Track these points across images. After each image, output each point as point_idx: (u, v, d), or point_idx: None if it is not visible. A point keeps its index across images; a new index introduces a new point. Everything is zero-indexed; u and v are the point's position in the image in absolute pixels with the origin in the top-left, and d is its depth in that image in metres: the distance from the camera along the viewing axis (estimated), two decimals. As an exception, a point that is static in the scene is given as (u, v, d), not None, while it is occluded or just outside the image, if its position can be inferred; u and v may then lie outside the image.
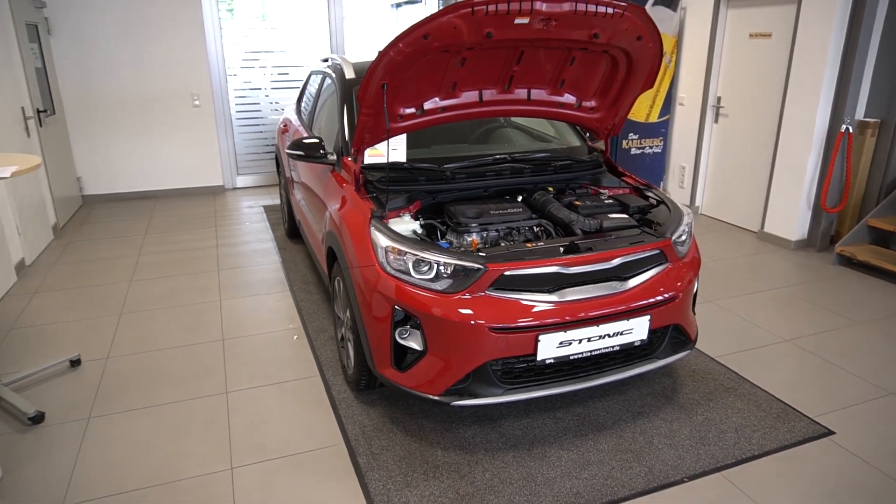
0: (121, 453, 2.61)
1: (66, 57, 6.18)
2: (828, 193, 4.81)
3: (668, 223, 2.82)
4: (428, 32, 2.46)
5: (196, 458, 2.58)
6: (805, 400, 2.96)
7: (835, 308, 3.98)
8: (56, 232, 5.51)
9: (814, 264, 4.76)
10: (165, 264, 4.79)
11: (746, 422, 2.78)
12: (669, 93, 6.09)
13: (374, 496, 2.33)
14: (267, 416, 2.87)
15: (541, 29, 2.58)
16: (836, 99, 4.70)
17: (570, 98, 3.21)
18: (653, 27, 2.78)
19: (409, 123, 2.95)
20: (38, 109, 5.34)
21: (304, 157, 3.30)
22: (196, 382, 3.14)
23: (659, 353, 2.74)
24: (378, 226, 2.61)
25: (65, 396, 3.02)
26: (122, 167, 6.68)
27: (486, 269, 2.38)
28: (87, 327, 3.75)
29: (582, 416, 2.82)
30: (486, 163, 3.17)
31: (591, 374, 2.60)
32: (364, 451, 2.59)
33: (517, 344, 2.40)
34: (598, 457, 2.55)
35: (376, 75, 2.57)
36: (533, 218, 2.89)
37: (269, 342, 3.56)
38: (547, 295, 2.43)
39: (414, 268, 2.45)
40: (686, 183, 6.16)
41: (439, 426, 2.75)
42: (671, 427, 2.74)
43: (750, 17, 5.31)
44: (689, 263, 2.79)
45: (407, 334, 2.49)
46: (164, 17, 6.39)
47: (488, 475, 2.45)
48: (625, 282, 2.57)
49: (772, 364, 3.29)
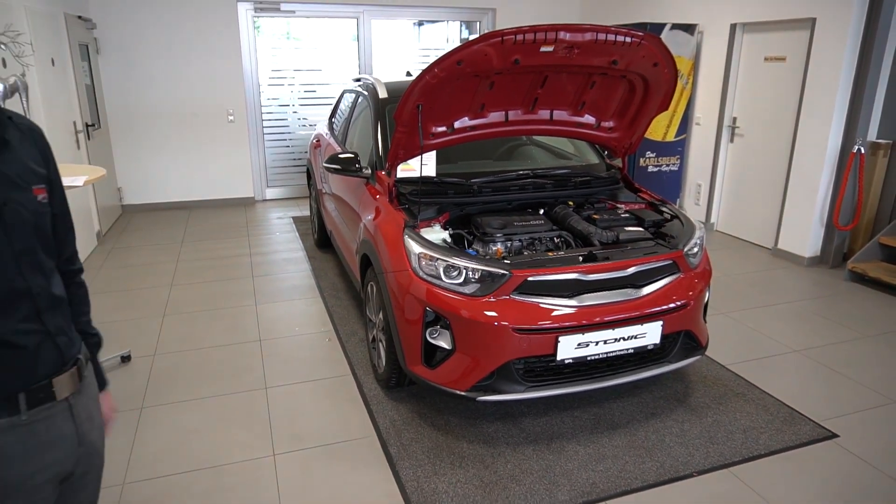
0: (172, 439, 2.84)
1: (112, 74, 6.56)
2: (840, 212, 4.95)
3: (681, 236, 3.01)
4: (462, 59, 2.70)
5: (240, 445, 2.81)
6: (811, 405, 3.11)
7: (844, 322, 4.12)
8: (99, 238, 5.83)
9: (826, 280, 4.90)
10: (202, 270, 5.07)
11: (754, 424, 2.94)
12: (686, 113, 6.28)
13: (405, 482, 2.54)
14: (303, 409, 3.09)
15: (564, 56, 2.81)
16: (849, 121, 4.86)
17: (590, 119, 3.43)
18: (668, 54, 3.00)
19: (440, 141, 3.19)
20: (86, 123, 5.69)
21: (340, 170, 3.56)
22: (237, 378, 3.38)
23: (671, 358, 2.92)
24: (411, 234, 2.84)
25: (119, 389, 3.27)
26: (159, 178, 7.02)
27: (511, 275, 2.59)
28: (135, 327, 4.02)
29: (598, 416, 3.01)
30: (510, 178, 3.40)
31: (607, 374, 2.79)
32: (395, 442, 2.80)
33: (538, 344, 2.61)
34: (612, 452, 2.73)
35: (413, 97, 2.82)
36: (554, 230, 3.10)
37: (303, 344, 3.79)
38: (566, 300, 2.64)
39: (444, 273, 2.67)
40: (702, 200, 6.33)
41: (464, 421, 2.95)
42: (682, 427, 2.91)
43: (765, 42, 5.51)
44: (700, 274, 2.98)
45: (437, 334, 2.71)
46: (202, 37, 6.75)
47: (510, 466, 2.64)
48: (639, 289, 2.76)
49: (780, 372, 3.45)
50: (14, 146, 1.21)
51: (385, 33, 7.61)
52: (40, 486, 1.20)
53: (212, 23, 6.74)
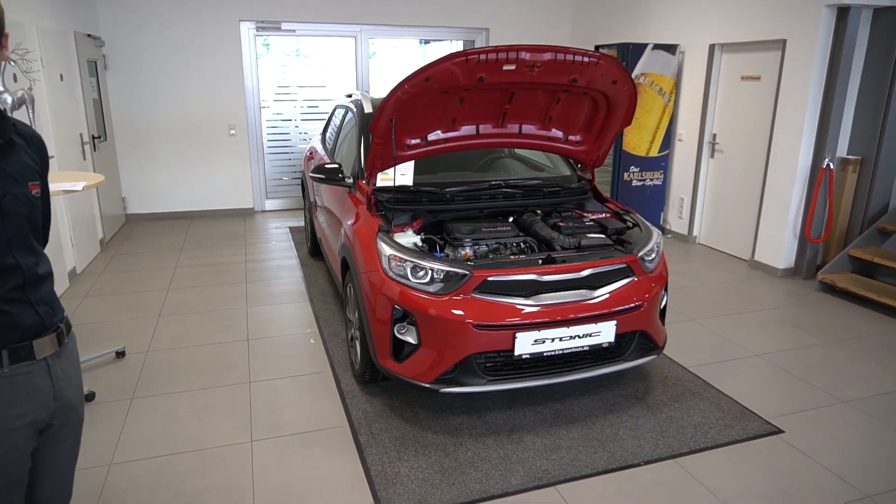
0: (159, 426, 3.05)
1: (119, 89, 6.88)
2: (811, 225, 5.13)
3: (638, 242, 3.21)
4: (430, 76, 2.94)
5: (222, 432, 3.01)
6: (762, 404, 3.28)
7: (809, 329, 4.29)
8: (102, 245, 6.09)
9: (798, 291, 5.06)
10: (199, 276, 5.30)
11: (705, 420, 3.11)
12: (669, 129, 6.51)
13: (370, 466, 2.73)
14: (283, 402, 3.30)
15: (526, 74, 3.05)
16: (818, 137, 5.06)
17: (557, 133, 3.66)
18: (625, 73, 3.22)
19: (415, 152, 3.42)
20: (93, 136, 5.98)
21: (324, 179, 3.79)
22: (224, 373, 3.59)
23: (627, 356, 3.11)
24: (384, 237, 3.06)
25: (112, 381, 3.49)
26: (162, 189, 7.30)
27: (471, 275, 2.80)
28: (131, 326, 4.25)
29: (558, 411, 3.19)
30: (482, 188, 3.62)
31: (564, 370, 2.98)
32: (365, 431, 3.00)
33: (497, 340, 2.80)
34: (567, 443, 2.91)
35: (386, 111, 3.05)
36: (520, 235, 3.31)
37: (289, 343, 4.00)
38: (523, 299, 2.84)
39: (411, 273, 2.88)
40: (685, 214, 6.52)
41: (432, 414, 3.14)
42: (637, 422, 3.09)
43: (741, 61, 5.73)
44: (655, 278, 3.17)
45: (404, 330, 2.91)
46: (207, 55, 7.07)
47: (470, 454, 2.82)
48: (594, 291, 2.96)
49: (739, 374, 3.62)
50: (17, 149, 1.45)
51: (391, 51, 7.94)
52: (18, 430, 1.43)
53: (215, 41, 7.06)
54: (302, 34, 7.51)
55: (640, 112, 6.31)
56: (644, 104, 6.31)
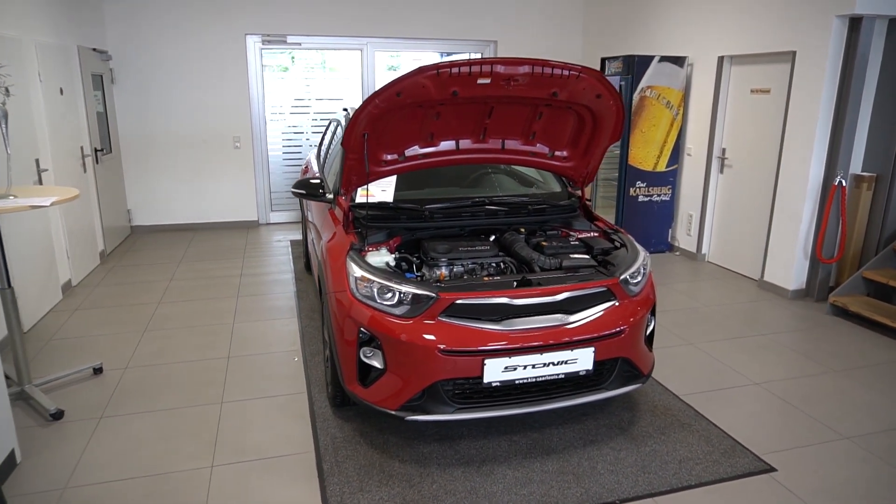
0: (121, 448, 2.98)
1: (126, 103, 6.95)
2: (823, 245, 4.89)
3: (622, 264, 3.05)
4: (400, 90, 2.84)
5: (183, 455, 2.92)
6: (756, 438, 3.07)
7: (815, 356, 4.05)
8: (103, 257, 6.12)
9: (808, 314, 4.81)
10: (192, 289, 5.27)
11: (692, 455, 2.92)
12: (678, 144, 6.31)
13: (329, 498, 2.61)
14: (252, 424, 3.20)
15: (503, 88, 2.93)
16: (830, 153, 4.83)
17: (543, 148, 3.52)
18: (610, 87, 3.08)
19: (392, 168, 3.32)
20: (95, 149, 6.03)
21: (305, 195, 3.71)
22: (197, 392, 3.51)
23: (608, 385, 2.94)
24: (353, 257, 2.95)
25: (84, 398, 3.43)
26: (167, 201, 7.33)
27: (437, 298, 2.68)
28: (115, 341, 4.21)
29: (535, 441, 3.03)
30: (463, 205, 3.49)
31: (539, 399, 2.83)
32: (330, 458, 2.88)
33: (464, 366, 2.67)
34: (541, 477, 2.75)
35: (358, 126, 2.96)
36: (499, 255, 3.18)
37: (270, 361, 3.91)
38: (493, 323, 2.70)
39: (378, 294, 2.77)
40: (693, 231, 6.30)
41: (402, 441, 3.01)
42: (618, 455, 2.91)
43: (751, 74, 5.53)
44: (640, 301, 3.00)
45: (371, 354, 2.80)
46: (213, 68, 7.11)
47: (436, 486, 2.68)
48: (571, 315, 2.81)
49: (734, 405, 3.41)
50: None
51: (414, 63, 7.95)
52: None
53: (221, 55, 7.10)
54: (308, 47, 7.51)
55: (646, 126, 6.14)
56: (651, 117, 6.13)
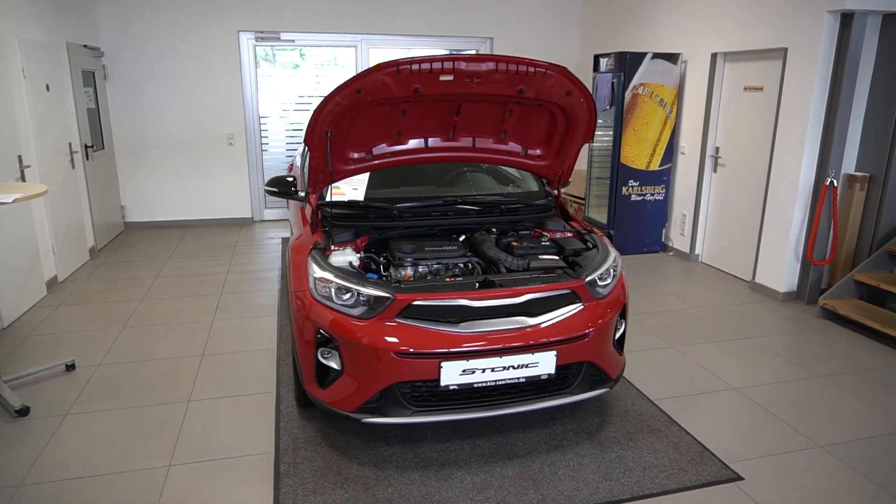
0: (82, 446, 2.96)
1: (119, 99, 6.96)
2: (814, 246, 4.77)
3: (589, 265, 2.98)
4: (361, 88, 2.79)
5: (142, 454, 2.90)
6: (727, 445, 2.99)
7: (800, 361, 3.95)
8: (92, 253, 6.13)
9: (798, 317, 4.70)
10: (176, 286, 5.26)
11: (658, 462, 2.85)
12: (671, 142, 6.20)
13: (282, 500, 2.57)
14: (216, 423, 3.17)
15: (466, 85, 2.87)
16: (822, 152, 4.71)
17: (515, 147, 3.45)
18: (579, 84, 3.01)
19: (359, 166, 3.27)
20: (85, 145, 6.04)
21: (277, 193, 3.67)
22: (165, 391, 3.49)
23: (572, 389, 2.88)
24: (314, 256, 2.91)
25: (52, 395, 3.43)
26: (161, 198, 7.35)
27: (394, 299, 2.63)
28: (92, 337, 4.21)
29: (499, 445, 2.97)
30: (434, 204, 3.44)
31: (500, 403, 2.77)
32: (289, 459, 2.84)
33: (421, 369, 2.62)
34: (499, 482, 2.70)
35: (319, 123, 2.91)
36: (465, 256, 3.12)
37: (243, 360, 3.89)
38: (450, 325, 2.64)
39: (336, 295, 2.72)
40: (686, 231, 6.19)
41: (363, 443, 2.97)
42: (581, 461, 2.85)
43: (744, 71, 5.41)
44: (608, 304, 2.93)
45: (328, 355, 2.76)
46: (206, 65, 7.11)
47: (391, 490, 2.64)
48: (533, 318, 2.74)
49: (709, 410, 3.33)
50: None
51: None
52: None
53: (214, 52, 7.09)
54: (301, 44, 7.49)
55: (639, 124, 6.04)
56: (643, 115, 6.03)
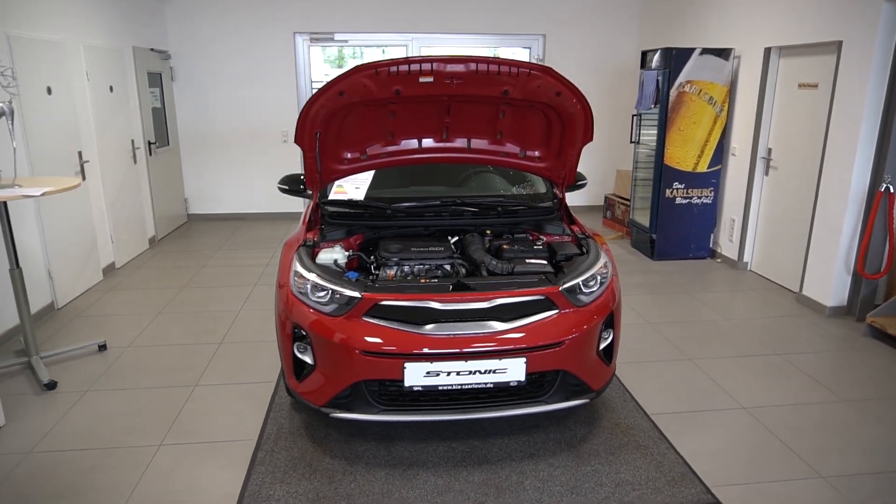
0: (91, 421, 3.22)
1: (185, 99, 7.45)
2: (866, 257, 4.35)
3: (571, 272, 2.88)
4: (342, 90, 2.85)
5: (139, 433, 3.11)
6: (715, 469, 2.81)
7: (829, 382, 3.63)
8: (152, 243, 6.61)
9: (843, 334, 4.32)
10: (217, 276, 5.58)
11: (634, 479, 2.72)
12: (721, 143, 5.84)
13: (249, 486, 2.68)
14: (214, 408, 3.35)
15: (447, 86, 2.85)
16: (878, 155, 4.29)
17: (513, 148, 3.40)
18: (569, 85, 2.92)
19: (354, 166, 3.34)
20: (149, 142, 6.52)
21: (288, 190, 3.81)
22: (177, 374, 3.73)
23: (547, 398, 2.81)
24: (299, 253, 3.00)
25: (81, 372, 3.75)
26: (221, 191, 7.80)
27: (361, 298, 2.67)
28: (130, 321, 4.55)
29: (474, 449, 2.95)
30: (430, 204, 3.44)
31: (469, 407, 2.75)
32: (268, 448, 2.96)
33: (385, 368, 2.64)
34: (462, 486, 2.68)
35: (307, 125, 3.00)
36: (453, 257, 3.11)
37: (256, 349, 4.07)
38: (415, 326, 2.65)
39: (311, 292, 2.80)
40: (735, 237, 5.82)
41: (342, 437, 3.04)
42: (552, 472, 2.77)
43: (799, 67, 5.02)
44: (589, 312, 2.82)
45: (303, 349, 2.84)
46: (263, 66, 7.45)
47: (353, 486, 2.69)
48: (505, 323, 2.70)
49: (708, 429, 3.14)
50: None
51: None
52: None
53: (272, 53, 7.43)
54: (354, 44, 7.69)
55: (685, 123, 5.74)
56: (690, 114, 5.73)
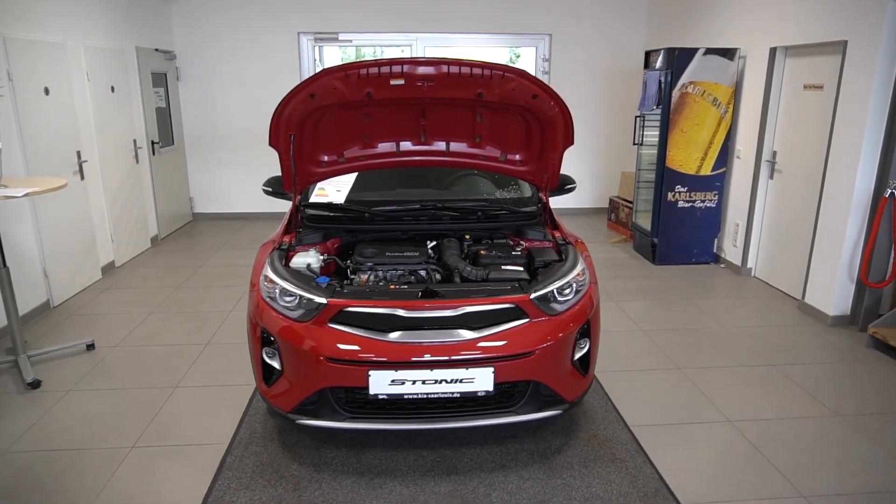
0: (70, 421, 3.24)
1: (190, 99, 7.51)
2: (869, 266, 4.20)
3: (544, 279, 2.81)
4: (313, 92, 2.82)
5: (116, 433, 3.12)
6: (691, 485, 2.72)
7: (824, 395, 3.50)
8: (154, 242, 6.67)
9: (844, 345, 4.17)
10: (213, 276, 5.60)
11: (604, 494, 2.64)
12: (726, 145, 5.70)
13: (213, 491, 2.67)
14: (192, 410, 3.35)
15: (418, 89, 2.80)
16: (883, 159, 4.13)
17: (493, 151, 3.33)
18: (545, 87, 2.86)
19: (332, 169, 3.31)
20: (152, 141, 6.58)
21: (271, 192, 3.80)
22: (160, 375, 3.73)
23: (518, 409, 2.74)
24: (272, 256, 2.98)
25: (66, 371, 3.78)
26: (226, 191, 7.85)
27: (326, 304, 2.63)
28: (121, 320, 4.58)
29: (445, 458, 2.89)
30: (409, 208, 3.40)
31: (437, 417, 2.70)
32: (238, 452, 2.94)
33: (349, 376, 2.60)
34: (427, 497, 2.63)
35: (281, 127, 2.98)
36: (426, 263, 3.06)
37: (241, 351, 4.06)
38: (379, 334, 2.60)
39: (280, 296, 2.77)
40: (739, 242, 5.67)
41: (313, 443, 3.01)
42: (521, 485, 2.71)
43: (805, 67, 4.86)
44: (563, 321, 2.75)
45: (272, 354, 2.82)
46: (268, 66, 7.47)
47: (318, 494, 2.65)
48: (474, 331, 2.64)
49: (690, 443, 3.04)
50: None
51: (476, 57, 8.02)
52: None
53: (276, 53, 7.44)
54: (359, 44, 7.67)
55: (688, 125, 5.61)
56: (693, 116, 5.59)
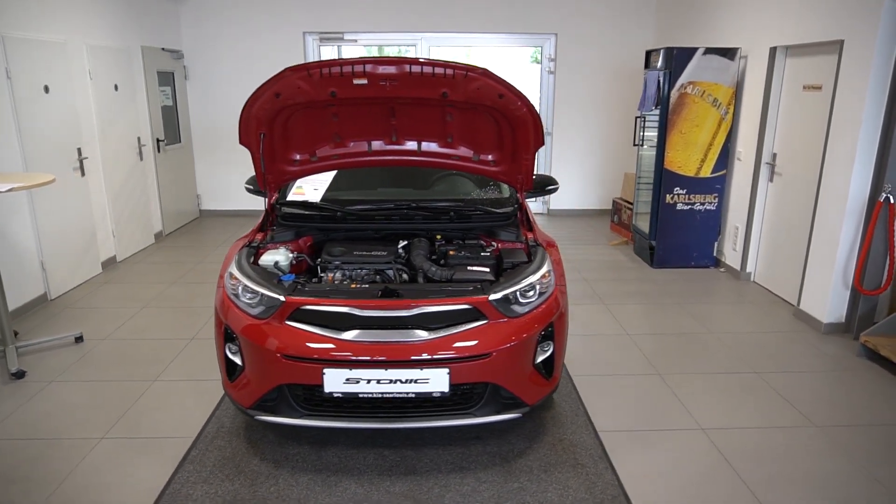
0: (47, 410, 3.32)
1: (197, 97, 7.63)
2: (863, 272, 4.07)
3: (506, 281, 2.79)
4: (278, 91, 2.84)
5: (88, 425, 3.19)
6: (651, 494, 2.66)
7: (803, 405, 3.40)
8: (158, 238, 6.80)
9: (835, 353, 4.04)
10: (208, 272, 5.68)
11: (560, 500, 2.61)
12: (726, 146, 5.58)
13: (172, 484, 2.71)
14: (165, 403, 3.40)
15: (381, 88, 2.80)
16: (879, 163, 3.99)
17: (466, 151, 3.31)
18: (510, 87, 2.83)
19: (304, 168, 3.33)
20: (157, 139, 6.70)
21: (252, 190, 3.84)
22: (141, 368, 3.80)
23: (476, 411, 2.72)
24: (240, 253, 3.01)
25: (52, 363, 3.87)
26: (232, 188, 7.95)
27: (283, 301, 2.65)
28: (113, 314, 4.68)
29: (405, 458, 2.89)
30: (383, 208, 3.40)
31: (393, 416, 2.70)
32: (202, 446, 2.98)
33: (304, 373, 2.62)
34: (380, 497, 2.63)
35: (250, 125, 3.00)
36: (393, 262, 3.06)
37: (224, 346, 4.11)
38: (334, 332, 2.61)
39: (242, 293, 2.80)
40: (738, 246, 5.55)
41: (277, 440, 3.03)
42: (477, 487, 2.69)
43: (804, 67, 4.73)
44: (523, 323, 2.72)
45: (234, 350, 2.84)
46: (275, 68, 7.52)
47: (273, 490, 2.67)
48: (431, 332, 2.63)
49: (657, 450, 2.98)
50: None
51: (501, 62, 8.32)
52: None
53: (282, 52, 7.51)
54: (364, 43, 7.70)
55: (686, 126, 5.51)
56: (692, 117, 5.49)
